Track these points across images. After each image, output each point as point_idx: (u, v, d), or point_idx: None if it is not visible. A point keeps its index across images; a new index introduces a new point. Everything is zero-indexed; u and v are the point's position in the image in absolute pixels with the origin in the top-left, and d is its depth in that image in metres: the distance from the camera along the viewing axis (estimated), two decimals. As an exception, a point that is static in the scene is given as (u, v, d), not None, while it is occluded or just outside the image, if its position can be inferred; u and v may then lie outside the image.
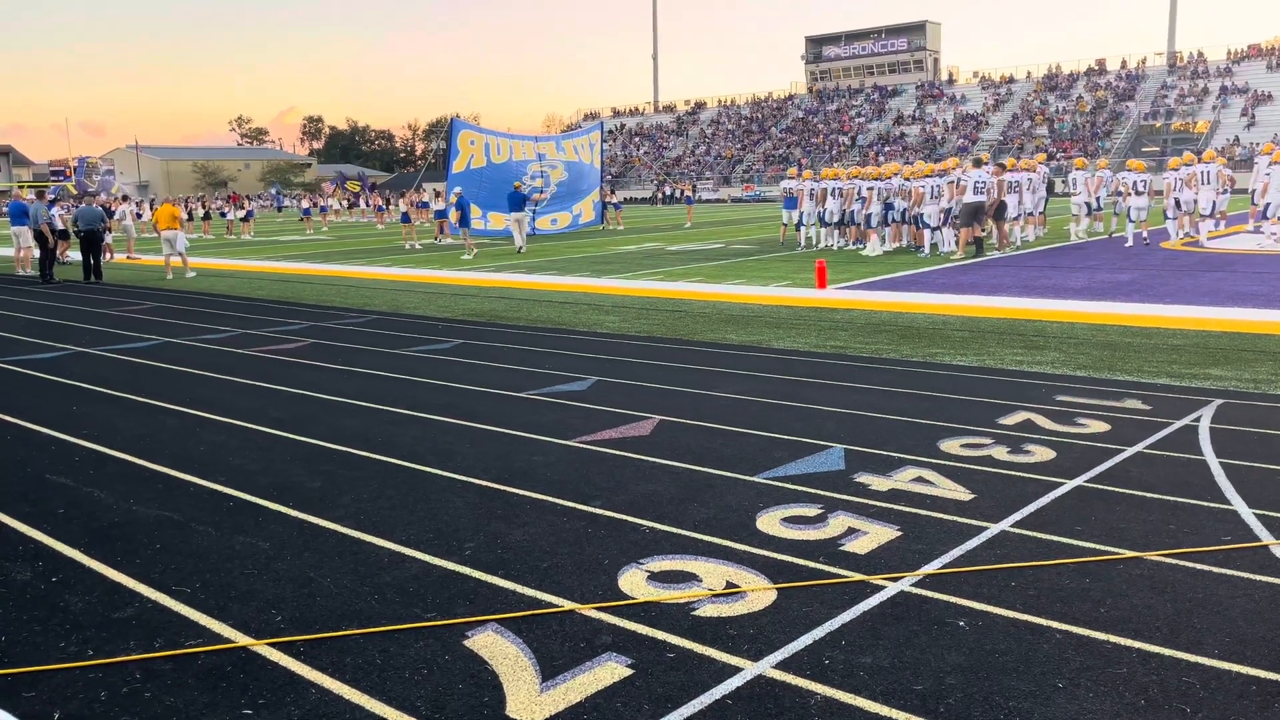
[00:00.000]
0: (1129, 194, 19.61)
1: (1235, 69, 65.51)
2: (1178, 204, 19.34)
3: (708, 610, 3.50)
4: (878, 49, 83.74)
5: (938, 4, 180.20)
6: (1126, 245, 19.01)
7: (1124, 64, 71.68)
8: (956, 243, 18.03)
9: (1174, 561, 3.84)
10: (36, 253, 19.38)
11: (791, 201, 21.93)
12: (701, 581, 3.75)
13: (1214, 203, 19.43)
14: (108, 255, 21.53)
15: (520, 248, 23.16)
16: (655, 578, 3.80)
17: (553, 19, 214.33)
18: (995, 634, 3.27)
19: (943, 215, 18.34)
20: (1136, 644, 3.17)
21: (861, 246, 19.81)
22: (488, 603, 3.61)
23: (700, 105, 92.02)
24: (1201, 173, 19.10)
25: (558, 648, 3.25)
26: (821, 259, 14.98)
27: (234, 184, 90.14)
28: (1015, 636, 3.25)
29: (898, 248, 19.84)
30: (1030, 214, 20.67)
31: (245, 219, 37.89)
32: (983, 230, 18.03)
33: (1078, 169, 22.58)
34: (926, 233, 18.48)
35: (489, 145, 29.13)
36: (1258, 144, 54.90)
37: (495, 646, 3.27)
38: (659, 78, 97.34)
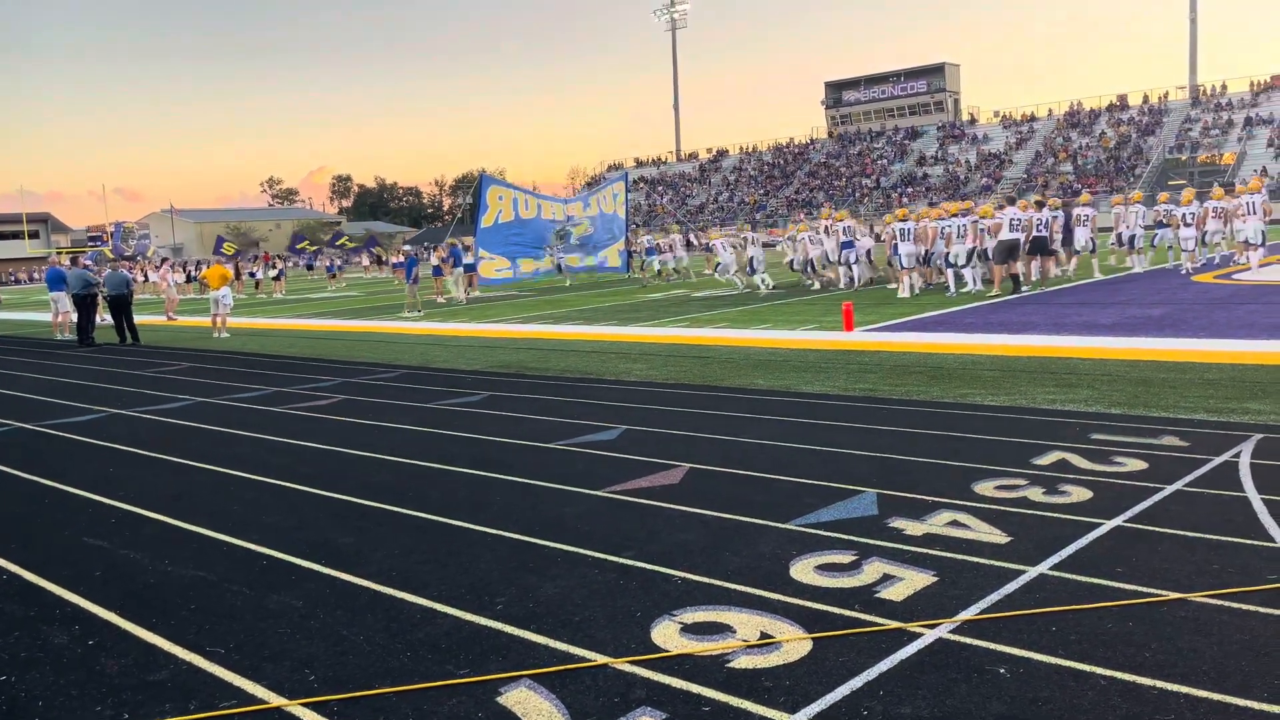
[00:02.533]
0: (1178, 225, 19.85)
1: (1259, 100, 65.21)
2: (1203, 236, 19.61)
3: (743, 662, 3.45)
4: (897, 92, 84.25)
5: (956, 46, 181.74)
6: (1184, 273, 19.36)
7: (1146, 98, 71.57)
8: (988, 280, 18.22)
9: (1219, 602, 3.75)
10: (74, 317, 19.76)
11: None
12: (736, 632, 3.70)
13: (1263, 232, 19.40)
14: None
15: (461, 300, 22.72)
16: (689, 629, 3.76)
17: (575, 73, 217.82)
18: (1037, 681, 3.20)
19: (969, 255, 18.41)
20: (1184, 689, 3.09)
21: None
22: (520, 658, 3.59)
23: (723, 152, 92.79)
24: (1248, 203, 19.17)
25: (592, 703, 3.22)
26: (848, 301, 14.96)
27: (265, 244, 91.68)
28: (1058, 683, 3.18)
29: (926, 287, 19.87)
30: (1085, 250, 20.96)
31: (276, 278, 38.50)
32: (1020, 267, 18.03)
33: (1115, 205, 22.64)
34: (951, 272, 18.52)
35: (517, 201, 29.56)
36: (1286, 174, 54.52)
37: (529, 703, 3.24)
38: (680, 127, 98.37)
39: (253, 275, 42.71)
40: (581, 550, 4.78)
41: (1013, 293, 17.62)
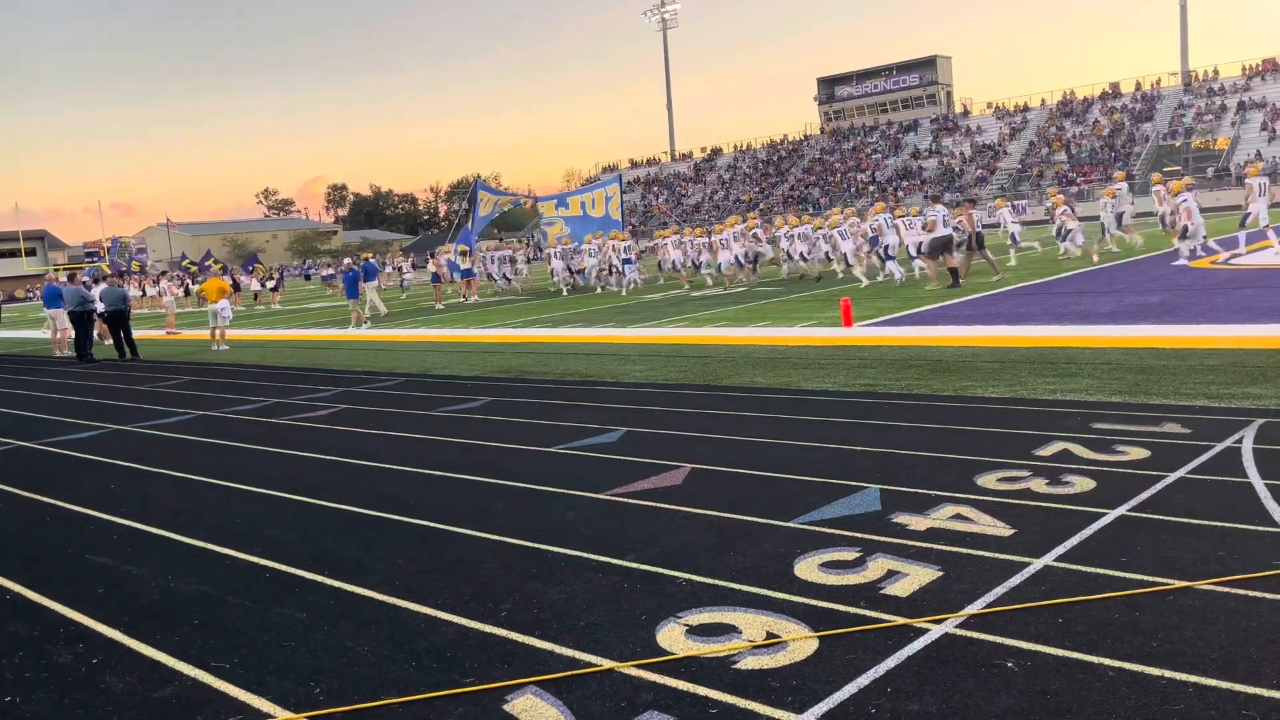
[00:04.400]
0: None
1: (1252, 84, 65.20)
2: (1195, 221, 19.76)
3: (749, 663, 3.44)
4: (890, 86, 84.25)
5: (948, 38, 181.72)
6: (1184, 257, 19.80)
7: (1138, 85, 71.55)
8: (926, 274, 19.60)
9: (1225, 590, 3.74)
10: (72, 334, 19.75)
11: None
12: (741, 633, 3.69)
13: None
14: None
15: (366, 321, 22.50)
16: (694, 631, 3.75)
17: (568, 76, 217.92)
18: (1045, 674, 3.19)
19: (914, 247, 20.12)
20: (1192, 678, 3.08)
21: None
22: (526, 664, 3.58)
23: (717, 151, 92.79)
24: (1258, 185, 19.46)
25: (598, 708, 3.20)
26: (847, 297, 14.95)
27: (263, 255, 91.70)
28: (1066, 676, 3.16)
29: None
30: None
31: (274, 289, 38.50)
32: (954, 262, 18.79)
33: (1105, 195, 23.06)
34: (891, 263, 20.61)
35: (498, 203, 29.91)
36: (1279, 157, 54.54)
37: (535, 709, 3.23)
38: (674, 126, 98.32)
39: (262, 285, 42.66)
40: (585, 554, 4.77)
41: (950, 286, 17.96)
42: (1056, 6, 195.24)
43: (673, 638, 3.71)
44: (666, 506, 5.47)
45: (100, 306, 19.21)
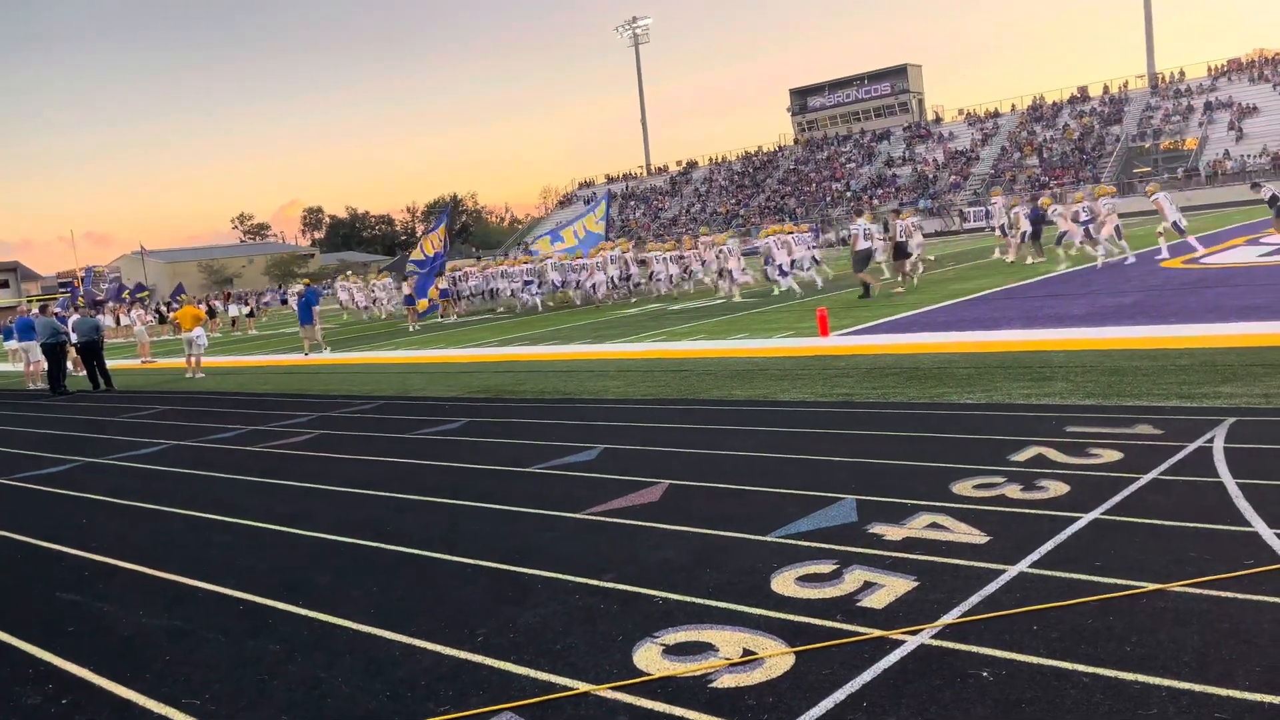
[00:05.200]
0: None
1: (1218, 84, 66.09)
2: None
3: (725, 681, 3.42)
4: (862, 95, 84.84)
5: (918, 47, 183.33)
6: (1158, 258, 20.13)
7: (1106, 89, 72.38)
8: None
9: (1198, 591, 3.75)
10: (45, 366, 19.54)
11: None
12: (718, 651, 3.67)
13: None
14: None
15: (324, 346, 22.19)
16: (670, 651, 3.73)
17: (542, 93, 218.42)
18: (1020, 682, 3.18)
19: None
20: (1166, 681, 3.08)
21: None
22: (502, 690, 3.54)
23: (692, 164, 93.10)
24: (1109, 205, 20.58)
25: (574, 733, 3.17)
26: (823, 307, 15.00)
27: (239, 280, 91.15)
28: (1041, 684, 3.16)
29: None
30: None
31: (250, 315, 38.25)
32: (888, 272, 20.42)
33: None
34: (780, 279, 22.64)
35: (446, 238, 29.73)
36: (1248, 156, 55.27)
37: (510, 737, 3.19)
38: (649, 141, 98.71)
39: (245, 309, 42.37)
40: (561, 575, 4.74)
41: (863, 297, 19.09)
42: (1024, 12, 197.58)
43: (649, 658, 3.68)
44: (644, 524, 5.45)
45: (73, 337, 19.02)
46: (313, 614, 4.58)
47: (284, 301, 67.73)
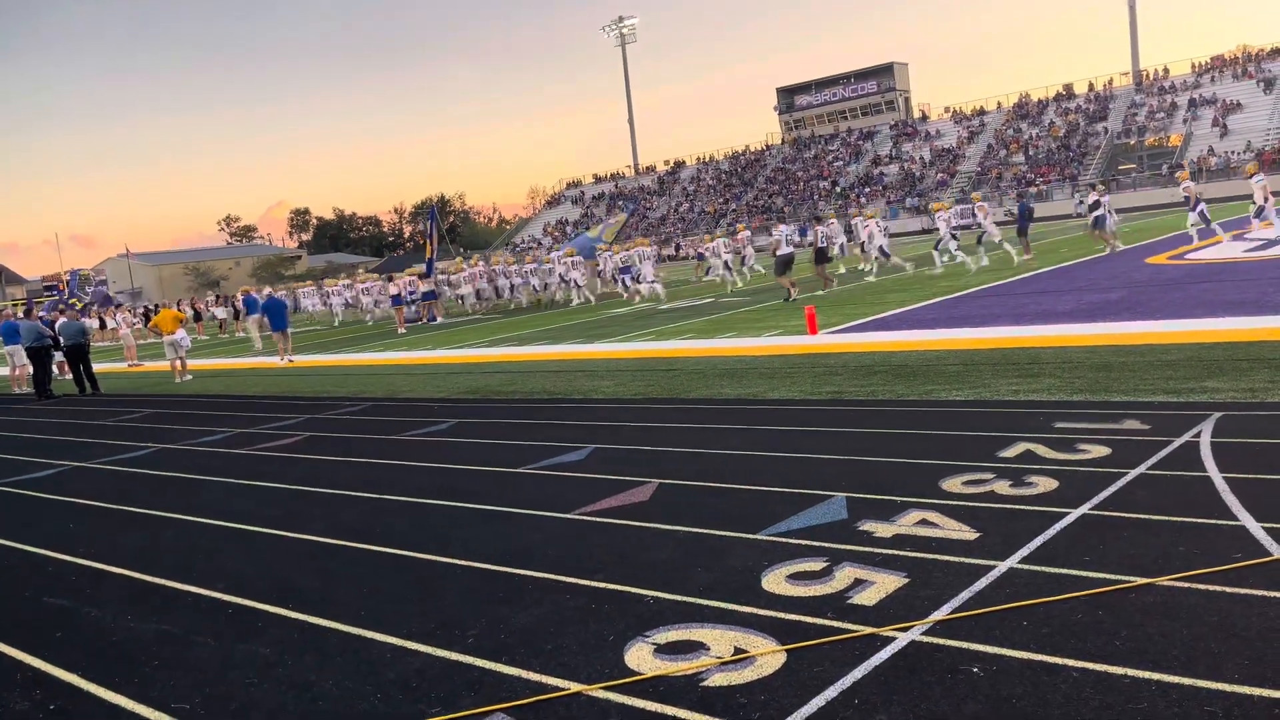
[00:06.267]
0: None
1: (1202, 81, 66.47)
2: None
3: (716, 679, 3.42)
4: (848, 94, 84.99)
5: (903, 45, 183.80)
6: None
7: (1091, 86, 72.70)
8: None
9: (1186, 585, 3.77)
10: (30, 370, 19.42)
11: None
12: (709, 650, 3.67)
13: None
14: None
15: (288, 354, 21.34)
16: (662, 650, 3.73)
17: (528, 93, 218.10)
18: (1010, 678, 3.19)
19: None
20: (1155, 675, 3.10)
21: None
22: (493, 691, 3.54)
23: (680, 164, 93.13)
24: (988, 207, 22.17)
25: (566, 733, 3.17)
26: (811, 305, 15.03)
27: (226, 283, 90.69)
28: (1031, 679, 3.17)
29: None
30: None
31: (236, 316, 38.08)
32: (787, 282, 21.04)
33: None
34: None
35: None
36: (1233, 152, 55.58)
37: (502, 738, 3.19)
38: (636, 140, 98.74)
39: (214, 317, 42.17)
40: (552, 576, 4.73)
41: (786, 300, 19.86)
42: (1009, 10, 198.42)
43: (641, 657, 3.68)
44: (634, 524, 5.45)
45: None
46: (303, 616, 4.57)
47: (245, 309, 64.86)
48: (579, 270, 28.15)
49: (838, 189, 73.90)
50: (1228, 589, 3.70)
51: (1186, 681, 3.04)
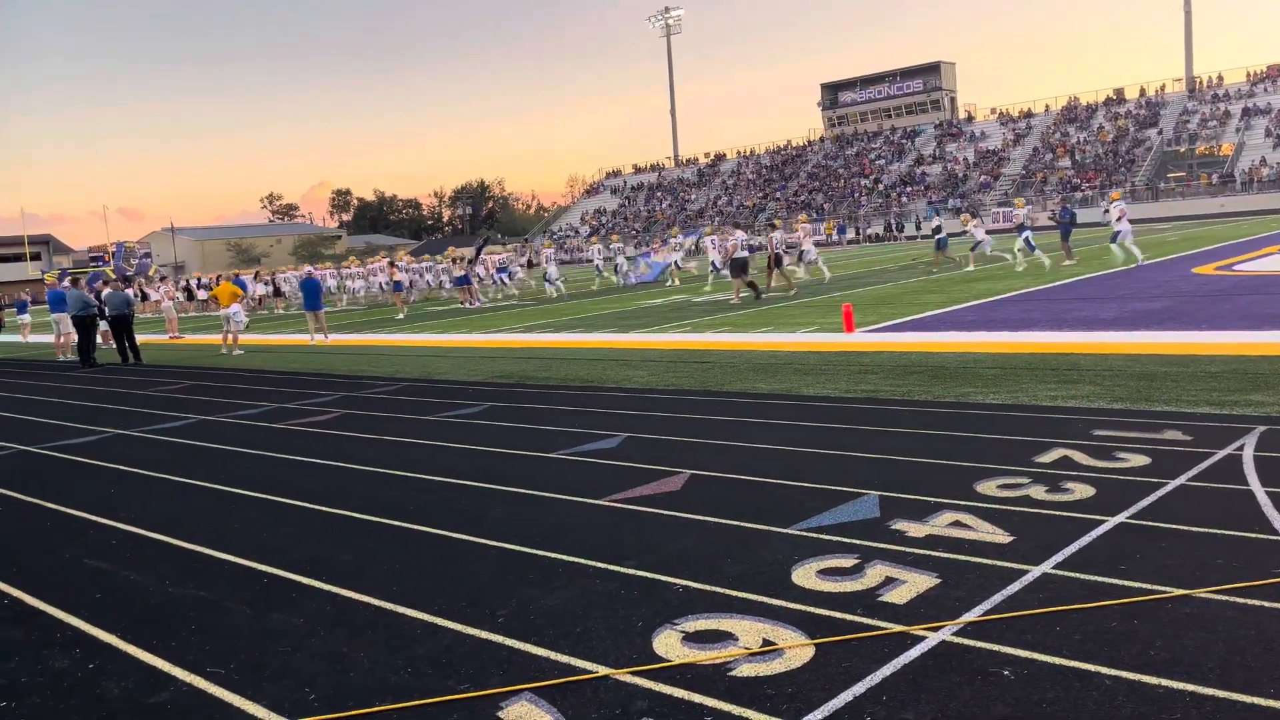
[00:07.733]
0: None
1: (1256, 90, 65.15)
2: None
3: (744, 670, 3.43)
4: (894, 91, 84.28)
5: (952, 44, 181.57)
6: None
7: (1143, 91, 71.55)
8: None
9: (1224, 598, 3.72)
10: (75, 338, 19.79)
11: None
12: (738, 640, 3.68)
13: None
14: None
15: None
16: (690, 638, 3.74)
17: (571, 81, 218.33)
18: (1042, 682, 3.17)
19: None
20: (1190, 687, 3.07)
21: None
22: (521, 671, 3.57)
23: (720, 157, 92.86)
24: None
25: (593, 715, 3.19)
26: (848, 303, 14.94)
27: (266, 260, 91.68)
28: (1063, 684, 3.15)
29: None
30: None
31: (276, 293, 38.53)
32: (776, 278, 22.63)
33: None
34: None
35: None
36: (1285, 163, 54.41)
37: (530, 717, 3.22)
38: (678, 132, 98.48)
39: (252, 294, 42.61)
40: (582, 560, 4.76)
41: (755, 299, 20.74)
42: (1061, 12, 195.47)
43: (669, 644, 3.70)
44: (665, 513, 5.46)
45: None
46: (335, 589, 4.63)
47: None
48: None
49: (880, 187, 73.32)
50: (1266, 603, 3.64)
51: (1222, 694, 3.00)
